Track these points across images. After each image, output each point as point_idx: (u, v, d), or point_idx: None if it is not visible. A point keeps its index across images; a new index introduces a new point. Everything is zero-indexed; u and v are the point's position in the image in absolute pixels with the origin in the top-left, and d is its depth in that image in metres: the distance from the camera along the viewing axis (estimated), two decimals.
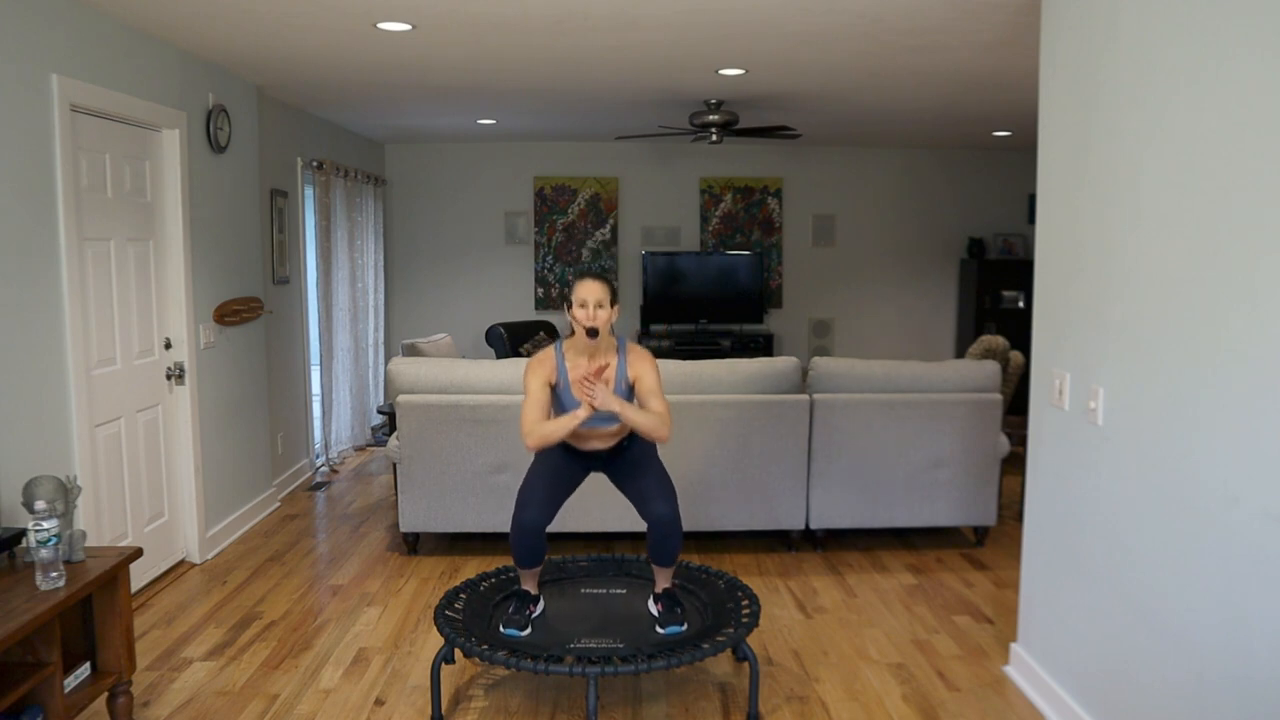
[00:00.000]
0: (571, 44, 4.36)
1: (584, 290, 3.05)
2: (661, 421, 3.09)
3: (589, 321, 3.04)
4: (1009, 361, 5.69)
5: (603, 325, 3.06)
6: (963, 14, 3.79)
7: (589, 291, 3.05)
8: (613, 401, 3.00)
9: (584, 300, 3.05)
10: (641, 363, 3.16)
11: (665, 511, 3.14)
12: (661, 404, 3.12)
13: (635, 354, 3.18)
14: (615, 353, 3.17)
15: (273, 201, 5.78)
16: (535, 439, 3.09)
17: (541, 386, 3.14)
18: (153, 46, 4.24)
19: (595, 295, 3.04)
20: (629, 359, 3.17)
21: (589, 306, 3.04)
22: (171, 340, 4.47)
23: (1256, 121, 2.11)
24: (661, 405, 3.12)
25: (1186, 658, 2.39)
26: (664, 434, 3.11)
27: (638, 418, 3.07)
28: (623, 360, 3.16)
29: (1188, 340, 2.38)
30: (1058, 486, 3.12)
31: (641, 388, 3.15)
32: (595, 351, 3.14)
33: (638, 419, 3.07)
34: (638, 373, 3.15)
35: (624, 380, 3.15)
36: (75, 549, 2.83)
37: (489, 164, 8.42)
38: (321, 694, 3.29)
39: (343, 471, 6.53)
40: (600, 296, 3.04)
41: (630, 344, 3.21)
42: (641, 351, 3.20)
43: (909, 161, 8.63)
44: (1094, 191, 2.85)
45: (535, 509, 3.16)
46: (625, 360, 3.16)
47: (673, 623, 3.18)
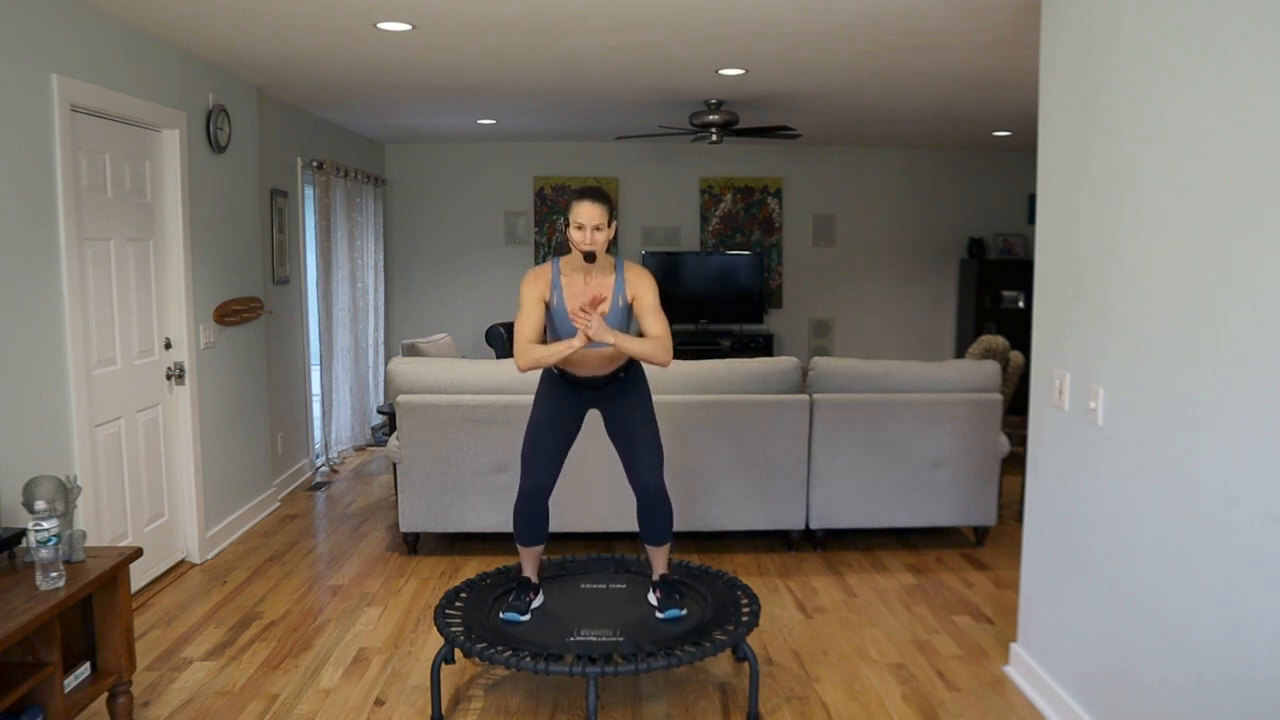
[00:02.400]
0: (571, 44, 4.36)
1: (581, 212, 3.02)
2: (660, 347, 3.07)
3: (586, 245, 3.02)
4: (1009, 361, 5.69)
5: (600, 247, 3.04)
6: (963, 14, 3.79)
7: (587, 214, 3.02)
8: (607, 333, 2.97)
9: (581, 223, 3.02)
10: (640, 282, 3.14)
11: (652, 481, 3.18)
12: (660, 325, 3.10)
13: (633, 273, 3.16)
14: (613, 271, 3.15)
15: (273, 201, 5.78)
16: (527, 361, 3.06)
17: (536, 302, 3.11)
18: (153, 46, 4.24)
19: (593, 218, 3.01)
20: (627, 277, 3.14)
21: (586, 229, 3.02)
22: (171, 340, 4.47)
23: (1256, 121, 2.11)
24: (660, 327, 3.10)
25: (1186, 658, 2.39)
26: (664, 359, 3.09)
27: (634, 346, 3.05)
28: (620, 279, 3.14)
29: (1188, 340, 2.38)
30: (1058, 486, 3.12)
31: (640, 306, 3.12)
32: (592, 270, 3.12)
33: (634, 347, 3.05)
34: (636, 291, 3.13)
35: (621, 298, 3.13)
36: (75, 549, 2.83)
37: (489, 164, 8.41)
38: (321, 694, 3.29)
39: (343, 471, 6.53)
40: (599, 219, 3.02)
41: (628, 263, 3.19)
42: (640, 270, 3.18)
43: (909, 161, 8.63)
44: (1094, 191, 2.85)
45: (540, 469, 3.18)
46: (623, 279, 3.14)
47: (671, 606, 3.20)
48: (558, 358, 3.06)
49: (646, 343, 3.08)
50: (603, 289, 3.11)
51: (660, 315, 3.11)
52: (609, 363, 3.19)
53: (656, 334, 3.09)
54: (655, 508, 3.23)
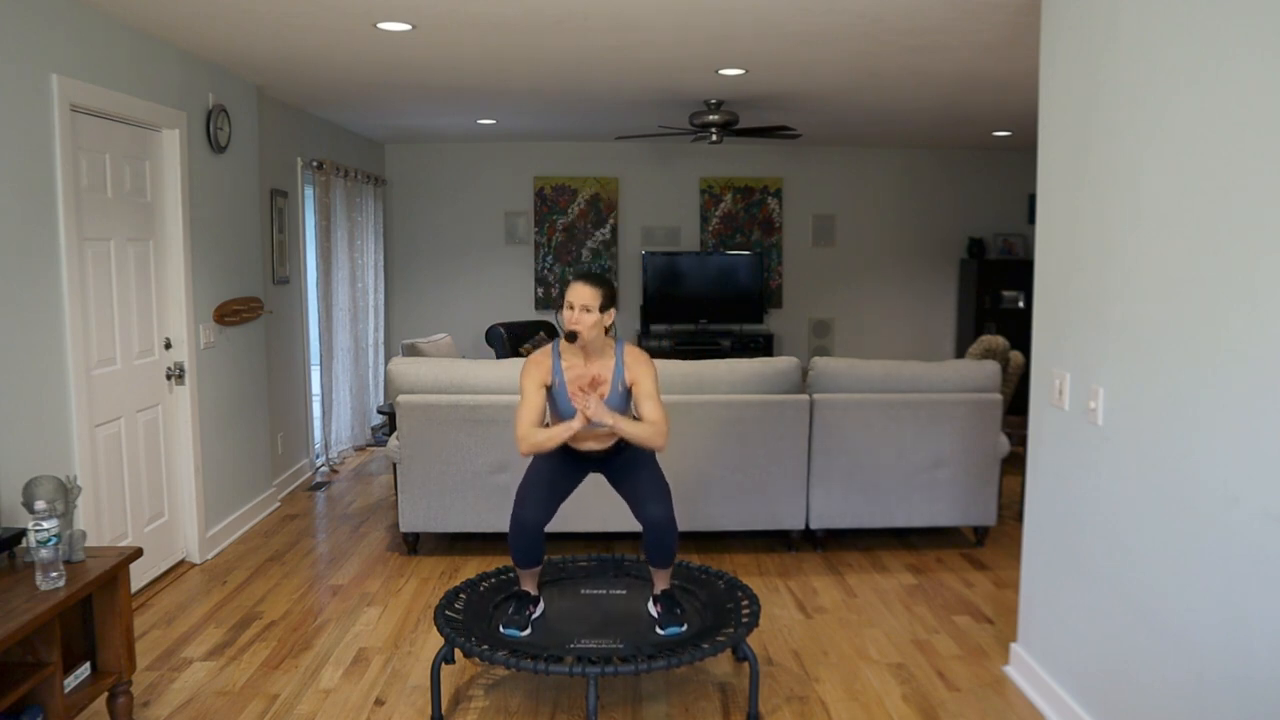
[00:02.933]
0: (571, 44, 4.36)
1: (571, 292, 3.07)
2: (656, 432, 3.09)
3: (571, 325, 3.06)
4: (1009, 361, 5.69)
5: (586, 330, 3.05)
6: (963, 14, 3.79)
7: (576, 294, 3.06)
8: (605, 415, 3.01)
9: (570, 302, 3.06)
10: (639, 366, 3.16)
11: (659, 513, 3.14)
12: (657, 411, 3.11)
13: (633, 356, 3.17)
14: (613, 355, 3.17)
15: (273, 201, 5.78)
16: (528, 447, 3.09)
17: (537, 388, 3.13)
18: (153, 46, 4.24)
19: (581, 299, 3.05)
20: (626, 361, 3.16)
21: (575, 309, 3.05)
22: (171, 340, 4.47)
23: (1256, 121, 2.11)
24: (657, 412, 3.11)
25: (1186, 658, 2.39)
26: (660, 444, 3.11)
27: (632, 430, 3.07)
28: (620, 363, 3.16)
29: (1188, 340, 2.38)
30: (1058, 486, 3.12)
31: (638, 392, 3.14)
32: (592, 353, 3.14)
33: (632, 431, 3.07)
34: (635, 376, 3.15)
35: (620, 383, 3.15)
36: (75, 549, 2.83)
37: (489, 164, 8.42)
38: (321, 694, 3.29)
39: (343, 471, 6.53)
40: (587, 300, 3.04)
41: (628, 346, 3.21)
42: (639, 354, 3.19)
43: (909, 161, 8.63)
44: (1094, 191, 2.85)
45: (534, 508, 3.16)
46: (623, 363, 3.16)
47: (672, 624, 3.18)
48: (559, 440, 3.08)
49: (644, 426, 3.09)
50: (603, 371, 3.14)
51: (658, 401, 3.13)
52: (610, 437, 3.20)
53: (654, 419, 3.10)
54: (663, 534, 3.18)
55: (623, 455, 3.25)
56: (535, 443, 3.09)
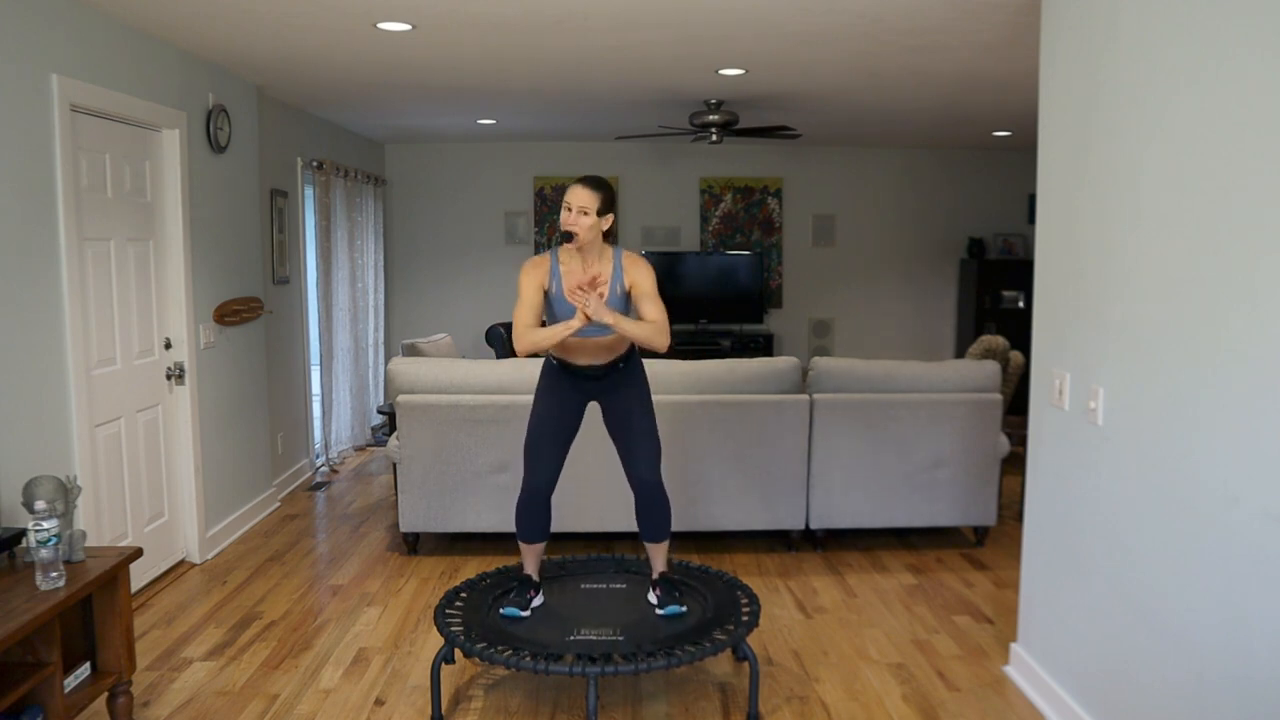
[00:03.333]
0: (571, 44, 4.36)
1: (571, 194, 3.08)
2: (657, 330, 3.11)
3: (567, 225, 3.07)
4: (1009, 361, 5.69)
5: (583, 231, 3.07)
6: (963, 14, 3.79)
7: (573, 196, 3.08)
8: (605, 312, 3.01)
9: (568, 204, 3.08)
10: (637, 269, 3.17)
11: (649, 476, 3.21)
12: (657, 310, 3.13)
13: (631, 260, 3.19)
14: (611, 259, 3.18)
15: (273, 201, 5.78)
16: (526, 344, 3.10)
17: (535, 289, 3.14)
18: (153, 46, 4.24)
19: (579, 200, 3.06)
20: (624, 265, 3.18)
21: (572, 211, 3.06)
22: (171, 340, 4.47)
23: (1256, 121, 2.11)
24: (657, 312, 3.13)
25: (1186, 658, 2.39)
26: (661, 342, 3.12)
27: (632, 328, 3.08)
28: (618, 267, 3.17)
29: (1188, 340, 2.38)
30: (1058, 486, 3.12)
31: (637, 292, 3.16)
32: (589, 258, 3.14)
33: (633, 329, 3.08)
34: (633, 278, 3.16)
35: (619, 286, 3.16)
36: (75, 549, 2.83)
37: (489, 164, 8.42)
38: (321, 694, 3.29)
39: (343, 471, 6.53)
40: (585, 202, 3.06)
41: (626, 251, 3.22)
42: (637, 258, 3.21)
43: (909, 161, 8.62)
44: (1094, 191, 2.85)
45: (543, 466, 3.21)
46: (621, 267, 3.17)
47: (671, 603, 3.21)
48: (557, 339, 3.09)
49: (644, 325, 3.11)
50: (601, 275, 3.15)
51: (658, 301, 3.15)
52: (608, 351, 3.22)
53: (654, 318, 3.13)
54: (653, 503, 3.26)
55: (619, 373, 3.26)
56: (533, 340, 3.10)
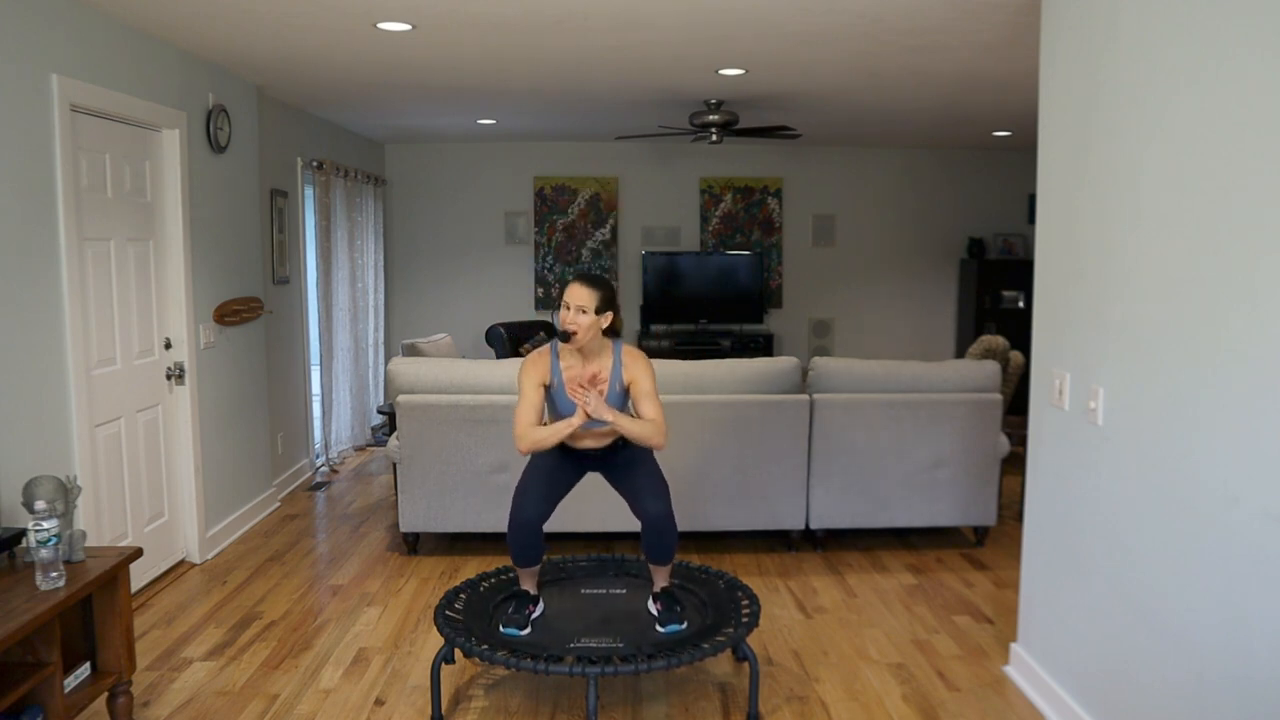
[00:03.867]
0: (571, 44, 4.36)
1: (567, 293, 3.08)
2: (655, 430, 3.10)
3: (566, 325, 3.06)
4: (1009, 361, 5.69)
5: (581, 331, 3.05)
6: (963, 14, 3.79)
7: (572, 295, 3.06)
8: (605, 411, 3.02)
9: (567, 303, 3.07)
10: (636, 365, 3.16)
11: (657, 509, 3.14)
12: (656, 410, 3.12)
13: (631, 356, 3.18)
14: (611, 355, 3.17)
15: (273, 201, 5.78)
16: (527, 444, 3.10)
17: (535, 387, 3.14)
18: (153, 46, 4.24)
19: (578, 300, 3.05)
20: (624, 361, 3.17)
21: (570, 310, 3.06)
22: (171, 340, 4.47)
23: (1256, 121, 2.11)
24: (656, 411, 3.12)
25: (1186, 658, 2.39)
26: (659, 442, 3.12)
27: (632, 427, 3.08)
28: (618, 363, 3.17)
29: (1188, 340, 2.38)
30: (1058, 486, 3.12)
31: (636, 391, 3.15)
32: (589, 354, 3.14)
33: (632, 429, 3.08)
34: (633, 376, 3.16)
35: (619, 383, 3.15)
36: (75, 549, 2.83)
37: (489, 164, 8.42)
38: (321, 694, 3.29)
39: (343, 471, 6.53)
40: (583, 301, 3.04)
41: (626, 346, 3.22)
42: (637, 354, 3.20)
43: (909, 161, 8.63)
44: (1094, 191, 2.85)
45: (532, 506, 3.17)
46: (621, 363, 3.17)
47: (672, 621, 3.18)
48: (559, 437, 3.09)
49: (643, 424, 3.10)
50: (601, 370, 3.15)
51: (656, 399, 3.14)
52: (608, 435, 3.21)
53: (653, 417, 3.12)
54: (662, 531, 3.17)
55: (621, 454, 3.25)
56: (534, 440, 3.10)
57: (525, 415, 3.11)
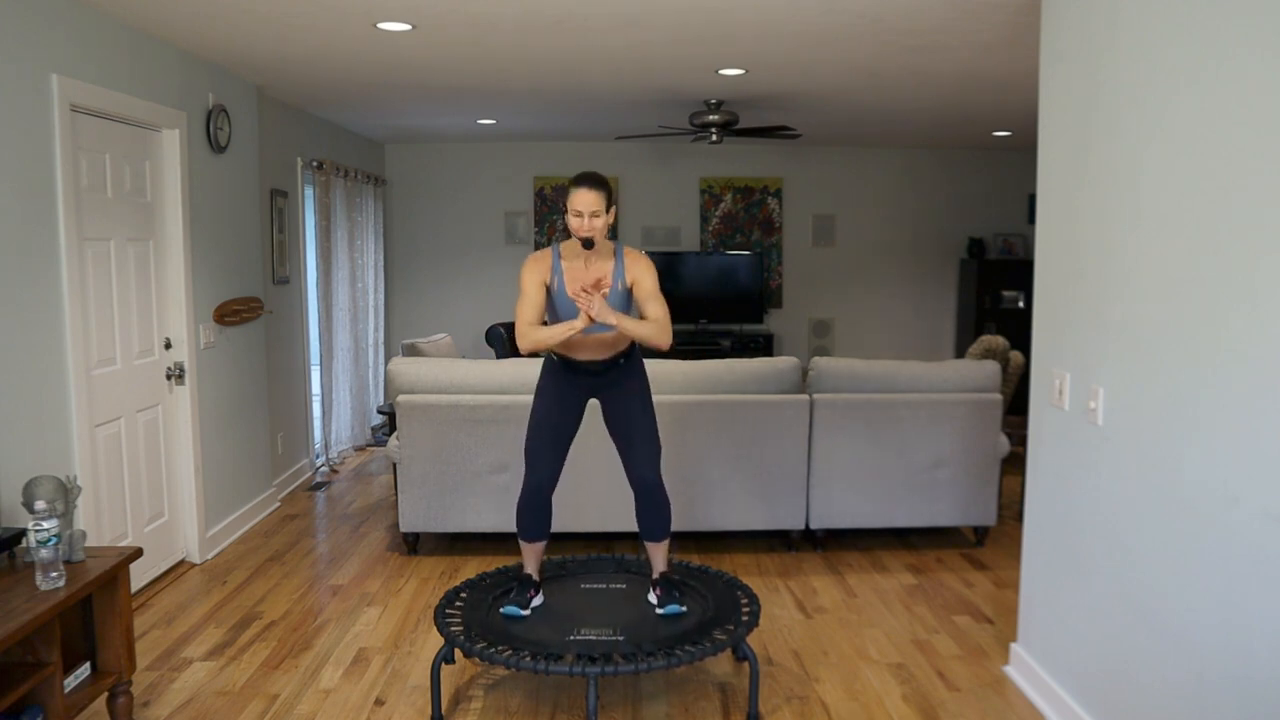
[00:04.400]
0: (571, 44, 4.36)
1: (578, 200, 3.04)
2: (660, 329, 3.12)
3: (584, 231, 3.05)
4: (1009, 361, 5.69)
5: (598, 233, 3.06)
6: (963, 14, 3.79)
7: (583, 201, 3.04)
8: (609, 314, 3.01)
9: (579, 210, 3.04)
10: (638, 266, 3.17)
11: (649, 476, 3.21)
12: (659, 309, 3.14)
13: (632, 257, 3.19)
14: (612, 256, 3.18)
15: (273, 201, 5.78)
16: (528, 342, 3.11)
17: (537, 286, 3.14)
18: (153, 46, 4.24)
19: (589, 204, 3.04)
20: (626, 262, 3.18)
21: (584, 216, 3.04)
22: (171, 340, 4.47)
23: (1257, 121, 2.11)
24: (659, 310, 3.14)
25: (1186, 658, 2.39)
26: (663, 340, 3.13)
27: (635, 328, 3.09)
28: (620, 264, 3.17)
29: (1188, 340, 2.38)
30: (1058, 486, 3.12)
31: (639, 291, 3.16)
32: (592, 255, 3.14)
33: (636, 329, 3.09)
34: (635, 276, 3.16)
35: (621, 283, 3.16)
36: (75, 549, 2.83)
37: (489, 164, 8.42)
38: (321, 694, 3.29)
39: (343, 471, 6.53)
40: (595, 205, 3.04)
41: (627, 248, 3.22)
42: (638, 255, 3.21)
43: (909, 161, 8.63)
44: (1094, 191, 2.85)
45: (544, 464, 3.22)
46: (622, 264, 3.17)
47: (671, 602, 3.21)
48: (560, 339, 3.10)
49: (647, 324, 3.12)
50: (603, 273, 3.15)
51: (659, 299, 3.16)
52: (609, 347, 3.22)
53: (656, 316, 3.14)
54: (653, 503, 3.26)
55: (620, 369, 3.26)
56: (536, 339, 3.11)
57: (526, 313, 3.12)
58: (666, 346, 3.15)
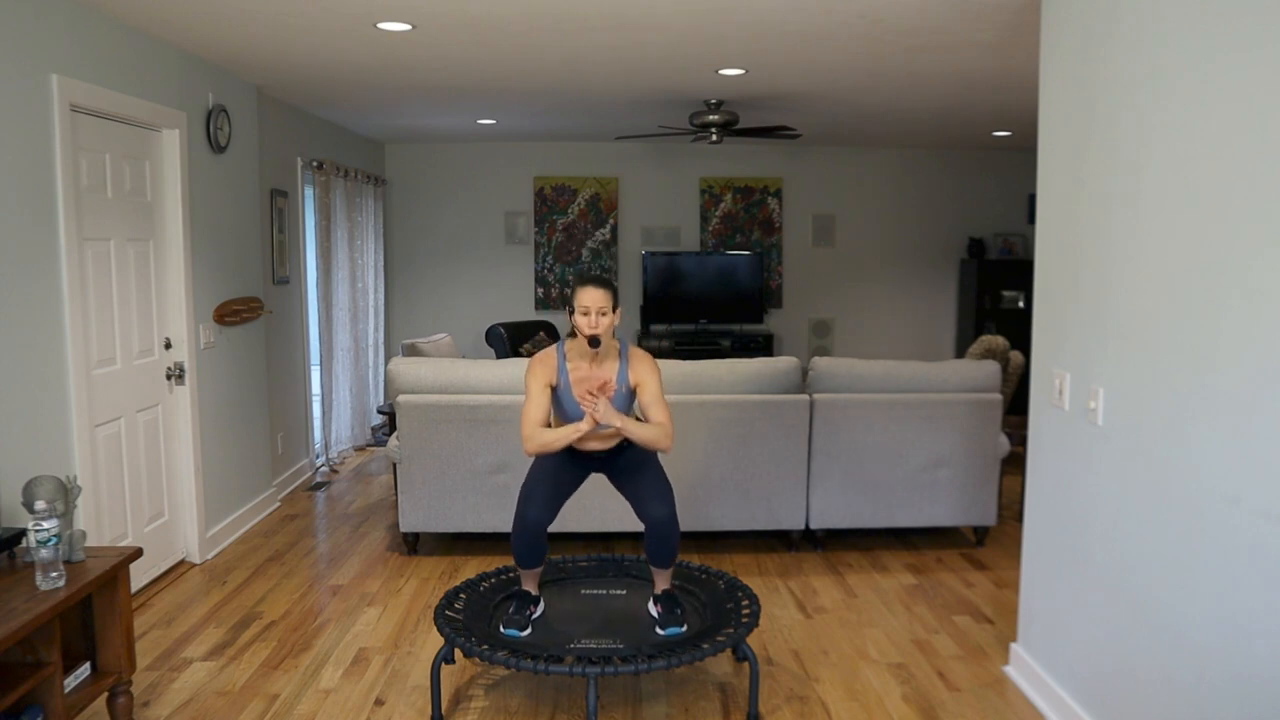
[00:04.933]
0: (571, 44, 4.36)
1: (586, 298, 3.03)
2: (663, 434, 3.10)
3: (591, 330, 3.04)
4: (1009, 361, 5.69)
5: (605, 332, 3.05)
6: (963, 14, 3.79)
7: (591, 299, 3.03)
8: (614, 417, 3.02)
9: (586, 308, 3.03)
10: (643, 367, 3.16)
11: (662, 513, 3.14)
12: (663, 413, 3.12)
13: (637, 358, 3.18)
14: (617, 356, 3.17)
15: (273, 201, 5.78)
16: (534, 446, 3.09)
17: (542, 389, 3.14)
18: (153, 46, 4.24)
19: (598, 303, 3.03)
20: (631, 363, 3.17)
21: (591, 314, 3.03)
22: (171, 340, 4.47)
23: (1257, 122, 2.11)
24: (663, 414, 3.12)
25: (1187, 657, 2.39)
26: (666, 445, 3.12)
27: (639, 432, 3.09)
28: (624, 364, 3.16)
29: (1187, 340, 2.38)
30: (1058, 486, 3.12)
31: (644, 394, 3.15)
32: (597, 354, 3.14)
33: (639, 433, 3.09)
34: (639, 378, 3.15)
35: (625, 385, 3.15)
36: (75, 549, 2.83)
37: (489, 164, 8.41)
38: (321, 694, 3.29)
39: (343, 471, 6.53)
40: (602, 304, 3.03)
41: (632, 348, 3.21)
42: (643, 355, 3.20)
43: (909, 161, 8.63)
44: (1094, 191, 2.85)
45: (537, 508, 3.17)
46: (627, 364, 3.17)
47: (672, 624, 3.18)
48: (566, 441, 3.09)
49: (651, 428, 3.11)
50: (608, 373, 3.14)
51: (663, 403, 3.14)
52: (614, 438, 3.21)
53: (660, 420, 3.12)
54: (666, 534, 3.18)
55: (625, 455, 3.25)
56: (542, 443, 3.09)
57: (532, 416, 3.10)
58: (668, 450, 3.14)
